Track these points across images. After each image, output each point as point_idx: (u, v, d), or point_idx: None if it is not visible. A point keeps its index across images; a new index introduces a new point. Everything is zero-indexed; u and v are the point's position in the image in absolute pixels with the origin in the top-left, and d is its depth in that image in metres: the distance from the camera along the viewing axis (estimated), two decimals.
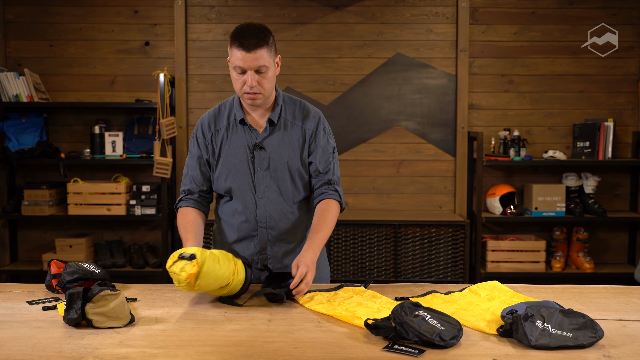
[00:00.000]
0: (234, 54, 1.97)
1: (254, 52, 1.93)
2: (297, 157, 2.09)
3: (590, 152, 4.26)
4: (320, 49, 4.45)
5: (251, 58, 1.94)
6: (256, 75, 1.96)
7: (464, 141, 4.44)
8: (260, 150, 2.08)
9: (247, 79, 1.96)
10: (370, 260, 4.14)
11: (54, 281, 1.94)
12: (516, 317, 1.52)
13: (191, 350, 1.46)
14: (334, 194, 2.10)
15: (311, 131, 2.11)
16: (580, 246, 4.34)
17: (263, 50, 1.95)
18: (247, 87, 1.97)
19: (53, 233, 4.52)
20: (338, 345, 1.50)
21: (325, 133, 2.14)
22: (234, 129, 2.11)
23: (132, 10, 4.45)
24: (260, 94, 2.00)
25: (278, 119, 2.10)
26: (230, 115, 2.13)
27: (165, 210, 4.26)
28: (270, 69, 1.99)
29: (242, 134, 2.10)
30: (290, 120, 2.12)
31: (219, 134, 2.12)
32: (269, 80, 2.00)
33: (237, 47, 1.94)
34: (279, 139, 2.09)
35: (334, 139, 2.18)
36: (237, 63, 1.95)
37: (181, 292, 1.97)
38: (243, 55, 1.93)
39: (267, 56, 1.96)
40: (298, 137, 2.10)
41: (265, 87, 2.00)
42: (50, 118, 4.49)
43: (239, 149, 2.09)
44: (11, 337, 1.54)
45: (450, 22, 4.43)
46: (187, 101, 4.47)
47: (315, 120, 2.13)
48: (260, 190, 2.09)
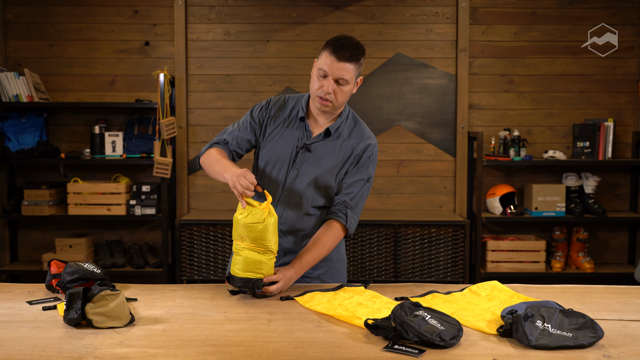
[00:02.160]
0: (324, 57, 2.03)
1: (344, 63, 1.99)
2: (334, 170, 2.11)
3: (590, 152, 4.26)
4: (320, 49, 4.43)
5: (338, 67, 2.00)
6: (335, 85, 2.02)
7: (464, 141, 4.44)
8: (307, 152, 2.11)
9: (325, 83, 2.02)
10: (370, 260, 4.14)
11: (54, 281, 1.94)
12: (516, 317, 1.53)
13: (191, 350, 1.46)
14: (342, 217, 2.08)
15: (358, 154, 2.12)
16: (580, 246, 4.34)
17: (352, 65, 2.01)
18: (322, 91, 2.02)
19: (53, 233, 4.52)
20: (338, 345, 1.50)
21: (369, 160, 2.14)
22: (292, 122, 2.15)
23: (132, 10, 4.45)
24: (331, 102, 2.04)
25: (335, 130, 2.13)
26: (294, 109, 2.17)
27: (165, 210, 4.26)
28: (349, 84, 2.04)
29: (297, 131, 2.14)
30: (345, 136, 2.14)
31: (277, 120, 2.16)
32: (343, 94, 2.05)
33: (330, 53, 2.01)
34: (327, 149, 2.11)
35: (374, 170, 2.18)
36: (323, 67, 2.02)
37: (181, 292, 1.98)
38: (332, 61, 2.00)
39: (352, 72, 2.02)
40: (344, 154, 2.12)
41: (338, 99, 2.05)
42: (50, 118, 4.49)
43: (287, 143, 2.12)
44: (11, 337, 1.54)
45: (450, 22, 4.43)
46: (187, 101, 4.47)
47: (366, 145, 2.13)
48: (288, 187, 2.11)
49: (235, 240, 1.92)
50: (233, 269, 1.92)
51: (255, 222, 1.86)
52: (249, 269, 1.88)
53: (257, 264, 1.88)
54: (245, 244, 1.89)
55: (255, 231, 1.87)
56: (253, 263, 1.88)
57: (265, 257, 1.89)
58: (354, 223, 2.11)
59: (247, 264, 1.88)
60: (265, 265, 1.90)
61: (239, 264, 1.89)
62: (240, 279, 1.89)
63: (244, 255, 1.89)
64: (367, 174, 2.13)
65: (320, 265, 2.15)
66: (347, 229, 2.09)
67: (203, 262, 4.12)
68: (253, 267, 1.88)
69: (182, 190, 4.48)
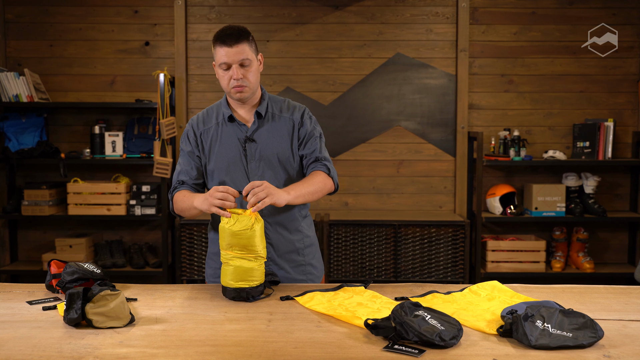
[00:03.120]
0: (217, 52, 2.09)
1: (236, 46, 2.06)
2: (287, 146, 2.17)
3: (590, 152, 4.26)
4: (320, 49, 4.45)
5: (234, 52, 2.06)
6: (241, 69, 2.08)
7: (464, 141, 4.44)
8: (251, 142, 2.15)
9: (232, 73, 2.08)
10: (370, 260, 4.14)
11: (54, 281, 1.94)
12: (516, 317, 1.52)
13: (191, 350, 1.46)
14: (323, 167, 2.17)
15: (298, 121, 2.19)
16: (580, 246, 4.34)
17: (244, 44, 2.07)
18: (233, 80, 2.09)
19: (53, 233, 4.52)
20: (338, 345, 1.50)
21: (311, 121, 2.22)
22: (223, 126, 2.18)
23: (132, 10, 4.45)
24: (246, 86, 2.10)
25: (266, 112, 2.18)
26: (218, 114, 2.22)
27: (165, 210, 4.26)
28: (253, 62, 2.11)
29: (232, 130, 2.17)
30: (277, 113, 2.20)
31: (209, 132, 2.19)
32: (253, 74, 2.11)
33: (220, 45, 2.08)
34: (268, 131, 2.17)
35: (319, 127, 2.26)
36: (221, 60, 2.08)
37: (181, 292, 1.98)
38: (226, 51, 2.06)
39: (248, 50, 2.08)
40: (287, 128, 2.18)
41: (250, 80, 2.10)
42: (50, 118, 4.50)
43: (230, 144, 2.16)
44: (11, 337, 1.54)
45: (450, 22, 4.43)
46: (187, 101, 4.47)
47: (300, 112, 2.22)
48: (254, 180, 2.11)
49: (224, 251, 1.90)
50: (224, 280, 1.90)
51: (243, 228, 1.85)
52: (241, 278, 1.87)
53: (249, 272, 1.87)
54: (235, 253, 1.87)
55: (244, 238, 1.86)
56: (245, 271, 1.87)
57: (256, 263, 1.89)
58: (334, 172, 2.20)
59: (238, 273, 1.87)
60: (257, 272, 1.89)
61: (229, 275, 1.88)
62: (234, 290, 1.87)
63: (235, 264, 1.87)
64: (317, 131, 2.22)
65: (306, 252, 2.23)
66: (332, 177, 2.17)
67: (203, 262, 4.12)
68: (245, 276, 1.87)
69: None
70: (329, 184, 2.15)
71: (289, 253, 2.19)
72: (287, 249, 2.19)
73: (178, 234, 4.11)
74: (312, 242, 2.27)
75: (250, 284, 1.88)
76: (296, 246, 2.21)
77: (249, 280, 1.87)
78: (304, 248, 2.23)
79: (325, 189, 2.14)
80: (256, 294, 1.89)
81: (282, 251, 2.17)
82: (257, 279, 1.89)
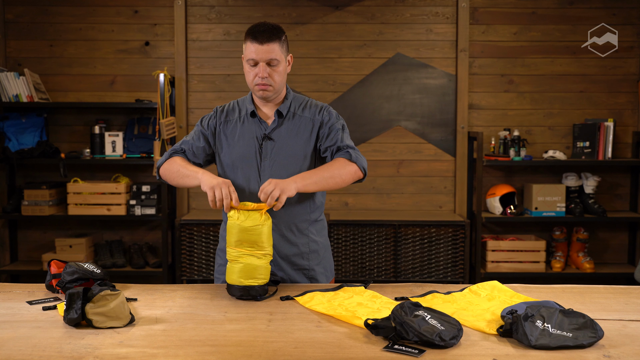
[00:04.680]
0: (247, 47, 2.07)
1: (267, 44, 2.04)
2: (304, 145, 2.13)
3: (590, 152, 4.26)
4: (320, 49, 4.45)
5: (263, 50, 2.04)
6: (267, 68, 2.06)
7: (464, 141, 4.44)
8: (269, 141, 2.13)
9: (258, 70, 2.06)
10: (370, 260, 4.14)
11: (54, 281, 1.94)
12: (516, 317, 1.52)
13: (191, 350, 1.46)
14: (345, 154, 2.09)
15: (319, 120, 2.16)
16: (580, 246, 4.34)
17: (275, 44, 2.06)
18: (258, 78, 2.07)
19: (53, 233, 4.52)
20: (338, 345, 1.50)
21: (331, 116, 2.18)
22: (245, 121, 2.17)
23: (132, 10, 4.45)
24: (270, 85, 2.09)
25: (287, 112, 2.16)
26: (242, 109, 2.20)
27: (165, 210, 4.26)
28: (281, 63, 2.09)
29: (252, 126, 2.16)
30: (299, 113, 2.17)
31: (229, 124, 2.19)
32: (279, 74, 2.10)
33: (251, 41, 2.05)
34: (288, 130, 2.14)
35: (343, 120, 2.21)
36: (250, 55, 2.05)
37: (181, 292, 1.98)
38: (256, 47, 2.04)
39: (278, 50, 2.07)
40: (307, 127, 2.15)
41: (275, 80, 2.09)
42: (50, 118, 4.49)
43: (248, 141, 2.14)
44: (11, 337, 1.54)
45: (450, 22, 4.43)
46: (187, 101, 4.47)
47: (322, 110, 2.19)
48: (264, 180, 2.10)
49: (231, 248, 1.89)
50: (231, 278, 1.89)
51: (255, 224, 1.86)
52: (249, 276, 1.87)
53: (257, 269, 1.87)
54: (244, 249, 1.87)
55: (255, 234, 1.86)
56: (253, 269, 1.87)
57: (263, 261, 1.89)
58: (358, 158, 2.09)
59: (246, 271, 1.87)
60: (265, 270, 1.89)
61: (237, 272, 1.87)
62: (242, 288, 1.87)
63: (244, 262, 1.87)
64: (339, 123, 2.17)
65: (311, 257, 2.18)
66: (355, 162, 2.08)
67: (203, 262, 4.12)
68: (254, 274, 1.87)
69: (182, 190, 4.48)
70: (350, 169, 2.06)
71: (292, 256, 2.15)
72: (290, 252, 2.15)
73: (178, 234, 4.11)
74: (318, 248, 2.21)
75: (259, 282, 1.88)
76: (300, 250, 2.16)
77: (258, 278, 1.88)
78: (309, 252, 2.18)
79: (345, 174, 2.04)
80: (263, 292, 1.89)
81: (284, 253, 2.15)
82: (264, 277, 1.89)
